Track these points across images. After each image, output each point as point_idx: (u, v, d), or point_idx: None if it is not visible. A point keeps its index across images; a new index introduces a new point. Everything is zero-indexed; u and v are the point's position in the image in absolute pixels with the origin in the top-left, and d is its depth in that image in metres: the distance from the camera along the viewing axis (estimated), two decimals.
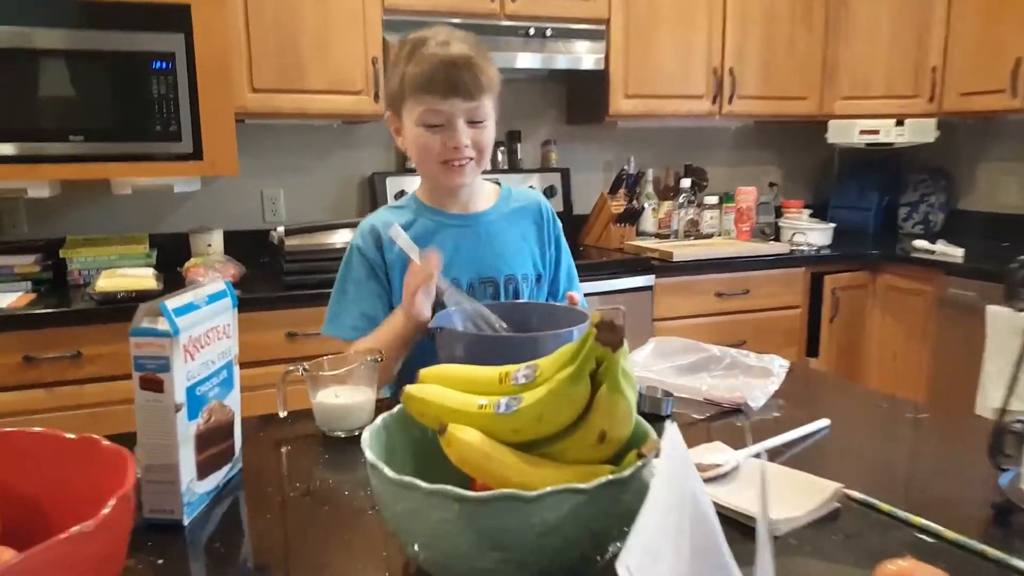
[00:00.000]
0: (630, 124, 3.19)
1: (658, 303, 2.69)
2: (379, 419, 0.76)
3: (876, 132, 3.13)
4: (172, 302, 0.80)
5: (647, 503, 0.53)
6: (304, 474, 0.98)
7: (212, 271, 2.14)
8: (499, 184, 1.42)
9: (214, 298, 0.88)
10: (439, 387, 0.76)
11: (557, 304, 1.32)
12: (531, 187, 2.95)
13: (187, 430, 0.82)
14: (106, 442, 0.65)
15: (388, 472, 0.64)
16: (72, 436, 0.67)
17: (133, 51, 2.06)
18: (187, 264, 2.29)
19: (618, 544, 0.68)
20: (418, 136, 1.24)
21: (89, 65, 2.02)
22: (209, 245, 2.43)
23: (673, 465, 0.61)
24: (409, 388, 0.75)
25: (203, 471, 0.86)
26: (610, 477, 0.63)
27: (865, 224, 3.47)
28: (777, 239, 3.15)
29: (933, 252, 2.91)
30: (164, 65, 2.08)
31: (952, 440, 1.11)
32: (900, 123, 3.10)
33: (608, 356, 0.68)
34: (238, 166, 2.23)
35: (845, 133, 3.20)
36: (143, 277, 2.11)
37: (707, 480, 0.88)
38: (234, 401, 0.93)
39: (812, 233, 3.09)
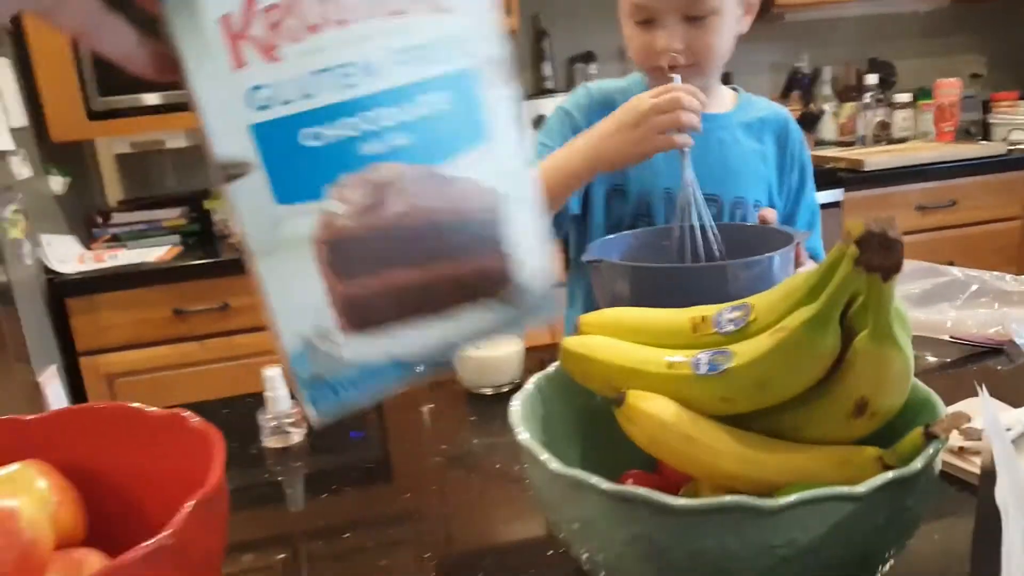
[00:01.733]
0: (800, 16, 2.77)
1: (849, 221, 2.33)
2: (531, 381, 0.57)
3: None
4: None
5: (1008, 528, 0.30)
6: (448, 437, 0.82)
7: None
8: (736, 89, 1.18)
9: None
10: (608, 339, 0.55)
11: (745, 224, 1.07)
12: None
13: (282, 224, 0.37)
14: (194, 419, 0.51)
15: (553, 465, 0.45)
16: (155, 410, 0.53)
17: None
18: None
19: (890, 563, 0.46)
20: (630, 35, 1.01)
21: None
22: None
23: (1006, 455, 0.38)
24: (568, 341, 0.55)
25: (366, 316, 0.39)
26: (891, 475, 0.41)
27: None
28: (987, 139, 2.66)
29: None
30: None
31: None
32: None
33: (873, 289, 0.45)
34: None
35: None
36: None
37: None
38: (500, 172, 0.41)
39: None
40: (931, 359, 0.88)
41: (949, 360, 0.87)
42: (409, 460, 0.78)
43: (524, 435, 0.48)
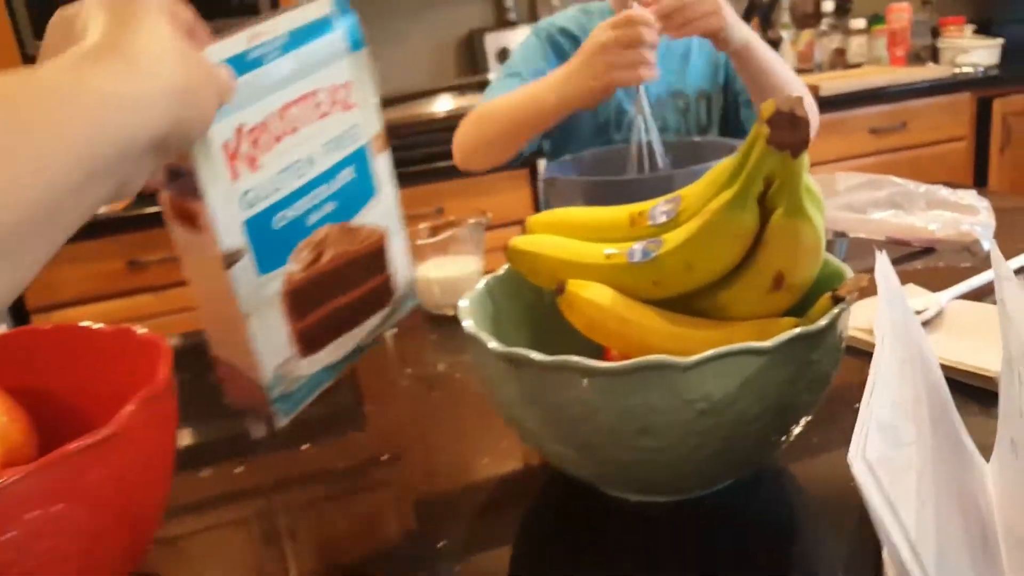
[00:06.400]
0: None
1: (762, 104, 2.37)
2: (482, 283, 0.60)
3: None
4: (217, 48, 0.44)
5: (875, 365, 0.34)
6: (411, 359, 0.85)
7: None
8: None
9: (306, 37, 0.49)
10: (553, 237, 0.59)
11: (695, 139, 1.11)
12: None
13: (262, 289, 0.49)
14: (141, 330, 0.53)
15: (492, 344, 0.48)
16: (101, 327, 0.56)
17: None
18: None
19: (807, 418, 0.51)
20: None
21: None
22: None
23: (893, 309, 0.42)
24: (515, 240, 0.59)
25: (312, 342, 0.53)
26: (797, 331, 0.45)
27: None
28: (936, 63, 2.70)
29: None
30: None
31: None
32: None
33: (785, 167, 0.48)
34: None
35: None
36: None
37: None
38: (383, 213, 0.56)
39: (977, 52, 2.63)
40: (870, 261, 0.93)
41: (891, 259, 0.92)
42: (376, 389, 0.79)
43: (468, 323, 0.52)
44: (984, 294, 0.77)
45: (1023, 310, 0.39)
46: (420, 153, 2.09)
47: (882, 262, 0.44)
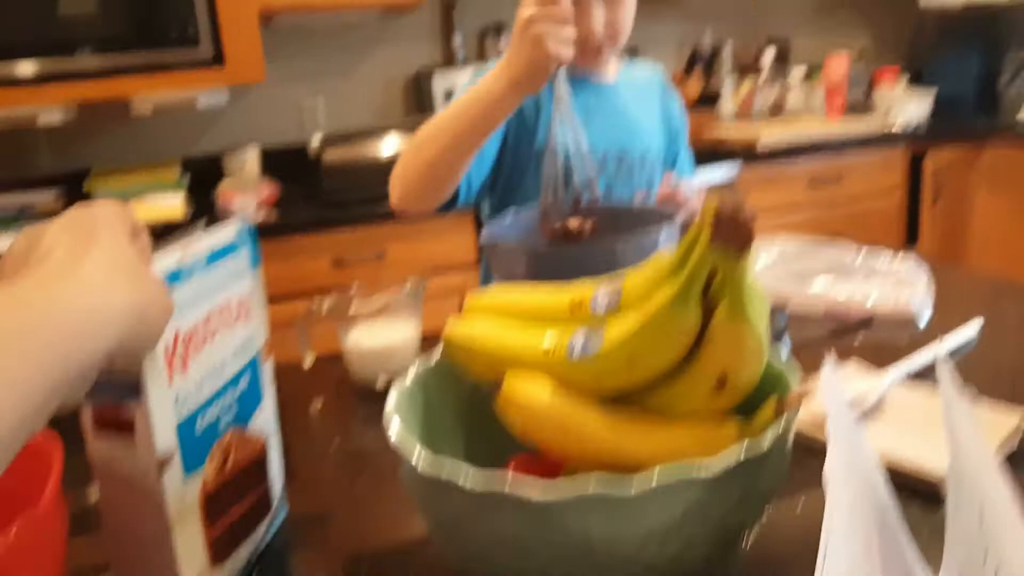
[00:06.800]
0: None
1: (744, 197, 2.41)
2: (412, 372, 0.56)
3: None
4: (157, 264, 0.48)
5: (827, 525, 0.32)
6: (340, 435, 0.80)
7: (245, 193, 1.96)
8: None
9: (219, 255, 0.54)
10: (489, 324, 0.55)
11: (632, 205, 1.10)
12: None
13: (186, 495, 0.50)
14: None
15: (419, 464, 0.44)
16: None
17: None
18: (220, 187, 2.12)
19: (755, 530, 0.48)
20: None
21: None
22: (243, 165, 2.25)
23: (844, 434, 0.40)
24: (450, 332, 0.55)
25: (220, 551, 0.54)
26: (742, 459, 0.42)
27: (964, 92, 3.05)
28: (871, 114, 2.79)
29: None
30: None
31: None
32: None
33: (728, 265, 0.46)
34: (264, 70, 2.01)
35: None
36: (169, 206, 1.92)
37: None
38: (266, 420, 0.61)
39: (910, 105, 2.72)
40: (809, 335, 0.92)
41: (824, 334, 0.92)
42: (300, 461, 0.75)
43: (394, 433, 0.48)
44: (923, 375, 0.77)
45: (970, 437, 0.37)
46: (362, 195, 2.05)
47: (829, 378, 0.42)
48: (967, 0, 2.75)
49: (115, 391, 0.45)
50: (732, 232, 0.44)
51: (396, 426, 0.48)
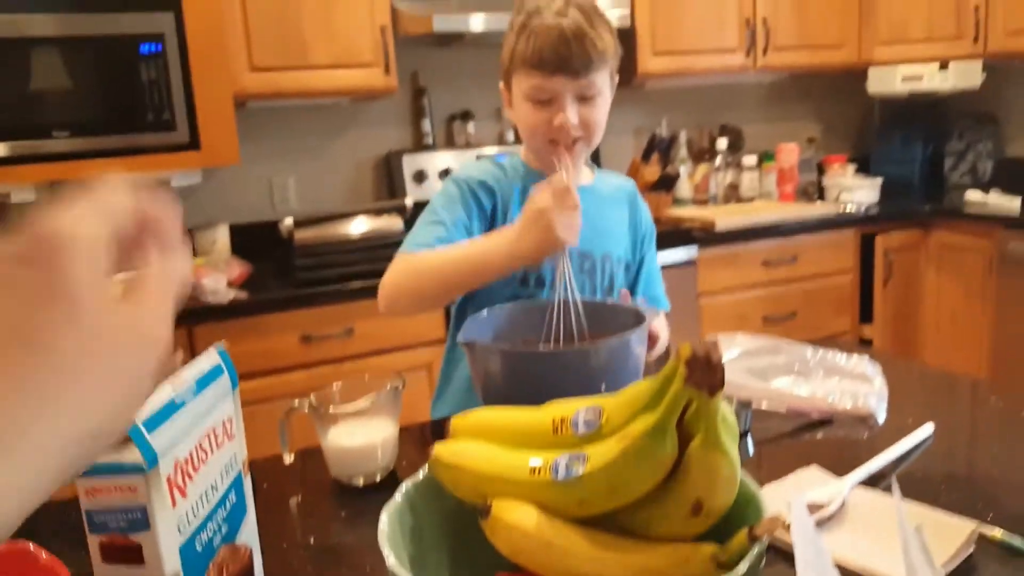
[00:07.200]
0: (660, 84, 2.97)
1: (702, 277, 2.50)
2: (400, 492, 0.59)
3: (919, 78, 2.88)
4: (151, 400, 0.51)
5: None
6: (317, 537, 0.81)
7: (215, 272, 1.98)
8: (590, 165, 1.32)
9: (206, 381, 0.57)
10: (476, 445, 0.59)
11: (606, 302, 1.15)
12: None
13: None
14: (44, 556, 0.49)
15: None
16: None
17: (118, 34, 1.88)
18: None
19: None
20: (526, 112, 1.14)
21: (70, 52, 1.85)
22: (214, 242, 2.26)
23: (804, 548, 0.44)
24: (438, 451, 0.58)
25: None
26: None
27: (910, 176, 3.24)
28: (822, 198, 2.93)
29: (987, 204, 2.73)
30: (153, 48, 1.91)
31: None
32: (944, 67, 2.86)
33: (700, 402, 0.50)
34: (239, 154, 2.06)
35: (886, 81, 2.96)
36: None
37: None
38: (249, 532, 0.64)
39: (859, 190, 2.87)
40: (773, 431, 0.97)
41: (787, 431, 0.96)
42: (278, 558, 0.76)
43: (391, 560, 0.50)
44: (880, 477, 0.81)
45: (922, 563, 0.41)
46: (333, 273, 2.08)
47: (799, 516, 0.46)
48: (912, 89, 2.92)
49: (123, 522, 0.48)
50: (705, 375, 0.49)
51: (388, 547, 0.51)
